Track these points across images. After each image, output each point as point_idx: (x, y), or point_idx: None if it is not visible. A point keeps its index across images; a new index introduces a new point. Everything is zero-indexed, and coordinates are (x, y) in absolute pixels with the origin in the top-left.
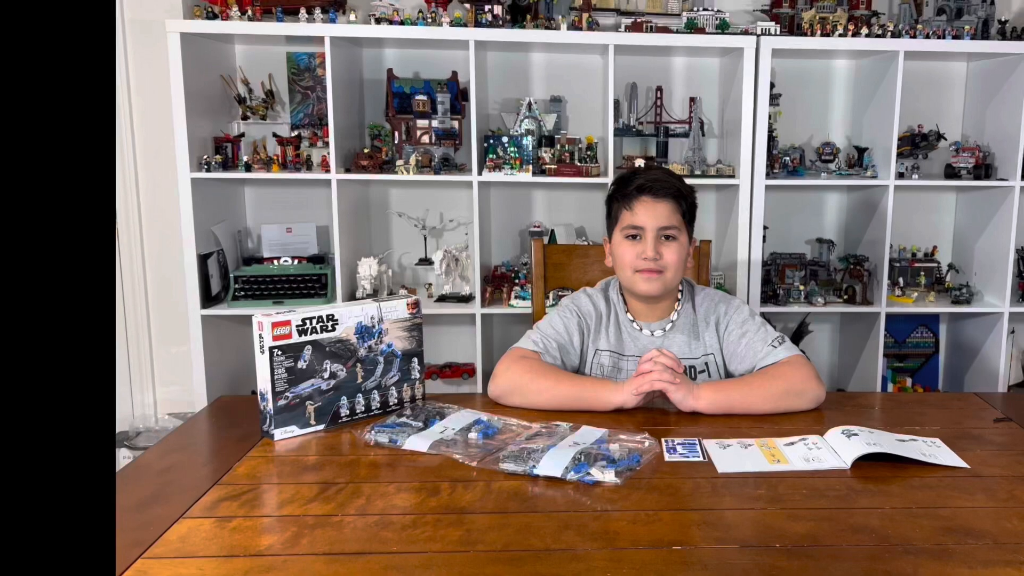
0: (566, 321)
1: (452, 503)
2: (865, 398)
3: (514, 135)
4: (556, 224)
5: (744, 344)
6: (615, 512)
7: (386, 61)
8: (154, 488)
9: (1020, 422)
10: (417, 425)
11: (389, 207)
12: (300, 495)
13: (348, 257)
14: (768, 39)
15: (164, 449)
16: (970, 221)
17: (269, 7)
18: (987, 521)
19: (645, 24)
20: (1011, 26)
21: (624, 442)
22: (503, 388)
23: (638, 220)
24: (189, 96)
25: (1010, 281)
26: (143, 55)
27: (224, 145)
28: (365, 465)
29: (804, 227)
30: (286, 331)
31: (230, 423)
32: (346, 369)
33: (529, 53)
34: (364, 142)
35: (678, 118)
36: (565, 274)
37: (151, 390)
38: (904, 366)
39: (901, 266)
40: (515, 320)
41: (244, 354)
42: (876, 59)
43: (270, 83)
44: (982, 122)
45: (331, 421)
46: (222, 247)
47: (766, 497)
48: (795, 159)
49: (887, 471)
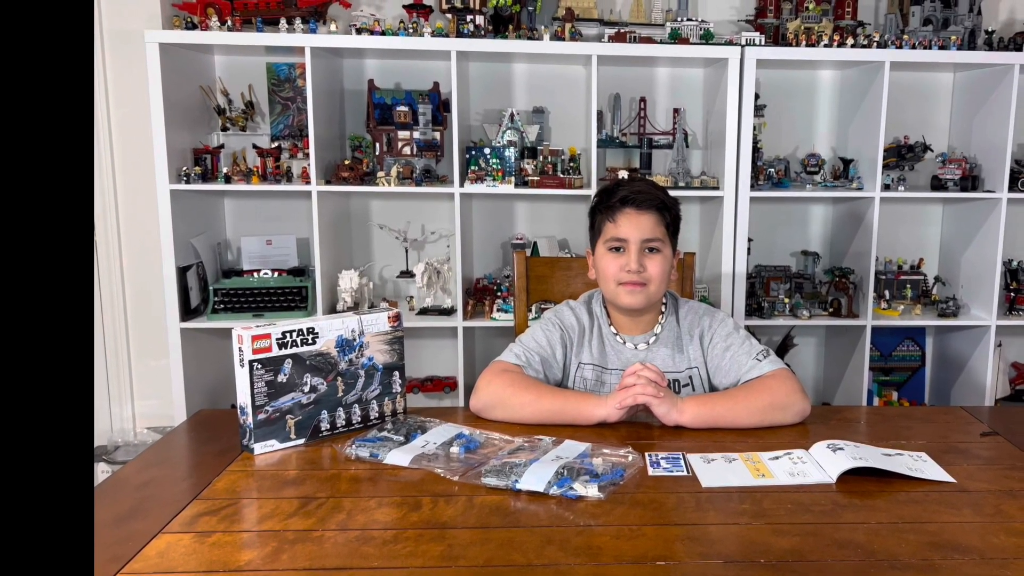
0: (549, 334)
1: (434, 518)
2: (851, 412)
3: (496, 146)
4: (539, 236)
5: (728, 357)
6: (598, 527)
7: (367, 72)
8: (133, 503)
9: (1007, 436)
10: (398, 439)
11: (370, 219)
12: (280, 510)
13: (329, 270)
14: (753, 49)
15: (143, 463)
16: (957, 233)
17: (249, 17)
18: (974, 536)
19: (628, 34)
20: (998, 36)
21: (607, 456)
22: (485, 402)
23: (621, 232)
24: (168, 107)
25: (997, 294)
26: (122, 65)
27: (203, 156)
28: (346, 480)
29: (789, 239)
30: (266, 344)
31: (209, 437)
32: (327, 383)
33: (511, 64)
34: (345, 153)
35: (662, 129)
36: (548, 287)
37: (130, 404)
38: (890, 380)
39: (887, 279)
40: (497, 333)
41: (224, 367)
42: (862, 70)
43: (250, 94)
44: (968, 133)
45: (311, 435)
46: (201, 259)
47: (751, 512)
48: (780, 171)
49: (873, 486)
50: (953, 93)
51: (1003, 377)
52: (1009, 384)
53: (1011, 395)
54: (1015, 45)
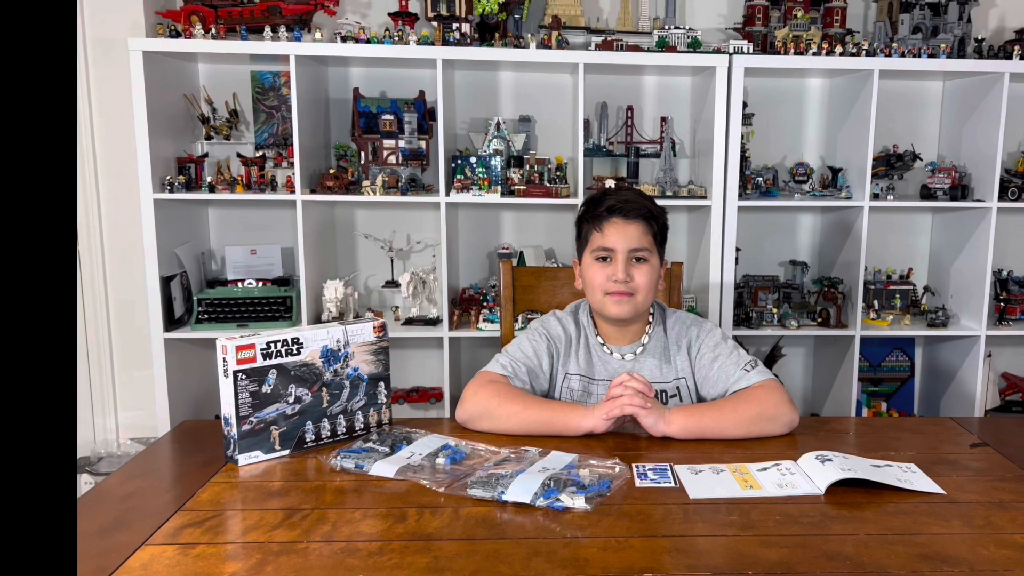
0: (535, 344)
1: (419, 530)
2: (839, 423)
3: (482, 155)
4: (525, 246)
5: (716, 368)
6: (585, 539)
7: (352, 80)
8: (116, 514)
9: (997, 447)
10: (384, 450)
11: (355, 228)
12: (265, 521)
13: (313, 279)
14: (741, 57)
15: (126, 475)
16: (946, 243)
17: (233, 25)
18: (963, 548)
19: (615, 42)
20: (987, 44)
21: (594, 468)
22: (471, 413)
23: (608, 242)
24: (152, 115)
25: (987, 304)
26: (105, 74)
27: (187, 165)
28: (331, 491)
29: (777, 249)
30: (250, 355)
31: (193, 448)
32: (311, 393)
33: (498, 72)
34: (330, 162)
35: (649, 138)
36: (534, 297)
37: (113, 415)
38: (879, 390)
39: (876, 288)
40: (483, 344)
41: (208, 378)
42: (851, 78)
43: (234, 102)
44: (958, 142)
45: (296, 446)
46: (185, 269)
47: (738, 523)
48: (768, 180)
49: (862, 497)
50: (942, 102)
51: (993, 388)
52: (999, 395)
53: (1001, 406)
54: (1005, 53)
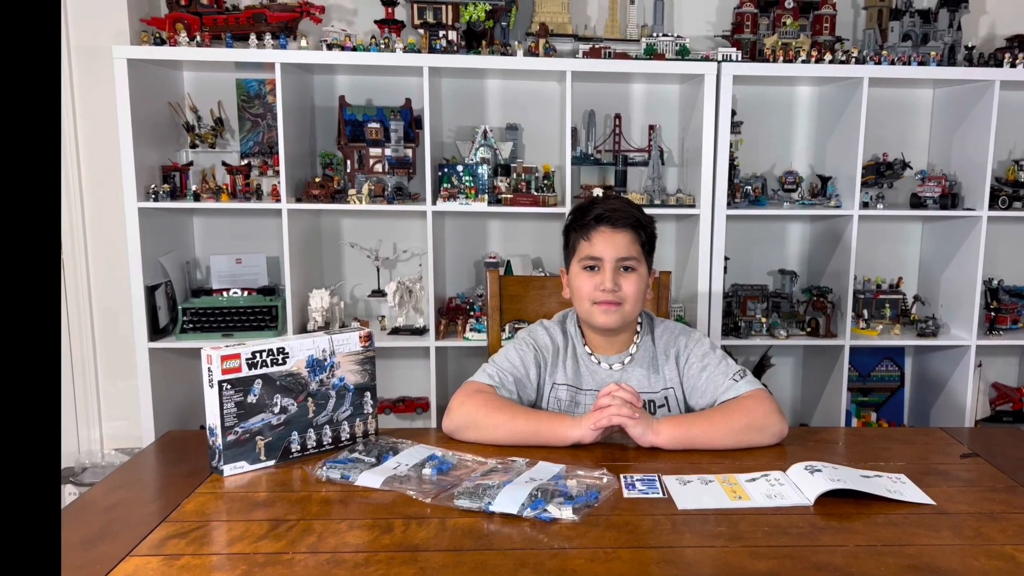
0: (522, 354)
1: (406, 541)
2: (829, 433)
3: (469, 164)
4: (512, 255)
5: (705, 378)
6: (573, 550)
7: (338, 88)
8: (100, 525)
9: (987, 458)
10: (370, 461)
11: (341, 237)
12: (250, 532)
13: (299, 289)
14: (729, 65)
15: (110, 485)
16: (936, 252)
17: (218, 33)
18: (953, 559)
19: (603, 50)
20: (978, 52)
21: (582, 478)
22: (458, 423)
23: (596, 251)
24: (136, 123)
25: (977, 313)
26: (89, 81)
27: (172, 174)
28: (316, 502)
29: (766, 258)
30: (235, 364)
31: (178, 459)
32: (297, 403)
33: (484, 80)
34: (316, 171)
35: (637, 146)
36: (521, 306)
37: (97, 425)
38: (869, 400)
39: (866, 298)
40: (470, 353)
41: (193, 388)
42: (840, 86)
43: (219, 110)
44: (948, 150)
45: (282, 456)
46: (170, 278)
47: (727, 534)
48: (757, 188)
49: (851, 508)
50: (933, 109)
51: (983, 398)
52: (989, 405)
53: (991, 416)
54: (995, 61)
